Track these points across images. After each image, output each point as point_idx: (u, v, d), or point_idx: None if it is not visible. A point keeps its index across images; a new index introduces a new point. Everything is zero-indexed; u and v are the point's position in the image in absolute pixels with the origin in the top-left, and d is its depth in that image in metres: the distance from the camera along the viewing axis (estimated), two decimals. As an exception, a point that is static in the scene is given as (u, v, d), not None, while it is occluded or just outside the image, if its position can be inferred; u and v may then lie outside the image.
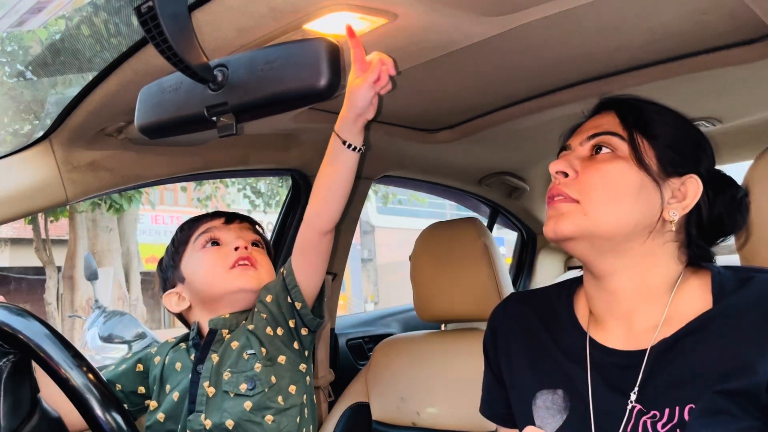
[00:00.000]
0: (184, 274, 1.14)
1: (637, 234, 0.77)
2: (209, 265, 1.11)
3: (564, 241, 0.79)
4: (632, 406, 0.74)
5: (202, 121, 0.72)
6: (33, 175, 1.12)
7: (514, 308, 0.93)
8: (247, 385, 1.02)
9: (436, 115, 1.42)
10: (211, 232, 1.14)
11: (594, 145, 0.81)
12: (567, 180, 0.80)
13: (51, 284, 8.08)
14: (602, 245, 0.78)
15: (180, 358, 1.11)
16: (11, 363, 0.86)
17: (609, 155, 0.79)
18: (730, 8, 0.89)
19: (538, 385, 0.84)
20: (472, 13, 0.81)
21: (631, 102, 0.83)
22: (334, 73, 0.67)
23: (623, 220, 0.76)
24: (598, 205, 0.77)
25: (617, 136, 0.79)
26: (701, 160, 0.81)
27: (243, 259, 1.11)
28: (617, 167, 0.78)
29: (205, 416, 1.01)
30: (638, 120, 0.80)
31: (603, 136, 0.80)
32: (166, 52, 0.63)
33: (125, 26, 1.08)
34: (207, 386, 1.04)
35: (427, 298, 1.50)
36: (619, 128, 0.80)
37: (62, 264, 8.15)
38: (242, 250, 1.12)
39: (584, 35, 0.99)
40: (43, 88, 3.77)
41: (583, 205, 0.77)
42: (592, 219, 0.77)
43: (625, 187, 0.77)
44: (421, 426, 1.42)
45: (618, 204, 0.77)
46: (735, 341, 0.70)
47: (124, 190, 1.42)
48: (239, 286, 1.10)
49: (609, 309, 0.81)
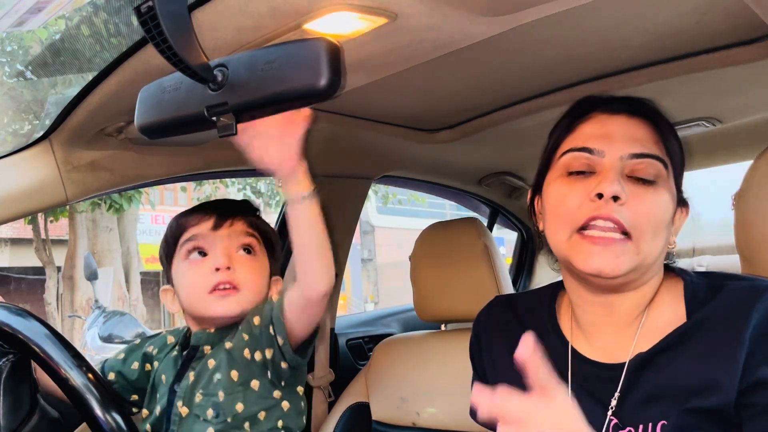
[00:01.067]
0: (173, 279, 1.11)
1: (659, 258, 0.76)
2: (190, 282, 1.06)
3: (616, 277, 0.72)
4: (609, 419, 0.74)
5: (202, 121, 0.72)
6: (33, 175, 1.12)
7: (498, 313, 0.92)
8: (213, 411, 1.01)
9: (436, 115, 1.42)
10: (196, 241, 1.07)
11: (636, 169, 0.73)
12: (618, 207, 0.70)
13: (51, 284, 8.08)
14: (637, 276, 0.74)
15: (166, 369, 1.09)
16: (11, 363, 0.86)
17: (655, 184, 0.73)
18: (730, 8, 0.89)
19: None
20: (472, 13, 0.81)
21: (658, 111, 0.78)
22: (334, 73, 0.67)
23: (660, 252, 0.74)
24: (648, 240, 0.71)
25: (660, 160, 0.73)
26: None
27: (223, 284, 1.04)
28: (664, 199, 0.73)
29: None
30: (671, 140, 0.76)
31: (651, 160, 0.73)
32: (166, 52, 0.63)
33: (125, 26, 1.08)
34: (180, 406, 1.03)
35: (427, 298, 1.50)
36: (661, 151, 0.74)
37: (62, 264, 8.16)
38: (223, 272, 1.04)
39: (584, 35, 0.99)
40: (43, 88, 3.77)
41: (635, 240, 0.71)
42: (643, 255, 0.71)
43: (667, 218, 0.73)
44: (421, 426, 1.42)
45: (660, 237, 0.73)
46: (704, 357, 0.70)
47: (124, 190, 1.42)
48: (217, 313, 1.05)
49: (598, 322, 0.80)
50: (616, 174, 0.72)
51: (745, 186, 0.88)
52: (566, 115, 0.83)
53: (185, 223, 1.10)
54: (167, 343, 1.15)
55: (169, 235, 1.11)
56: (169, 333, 1.17)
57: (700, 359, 0.70)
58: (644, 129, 0.76)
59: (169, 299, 1.12)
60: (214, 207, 1.12)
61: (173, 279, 1.10)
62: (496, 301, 0.94)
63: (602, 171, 0.73)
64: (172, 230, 1.11)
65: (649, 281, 0.77)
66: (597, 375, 0.77)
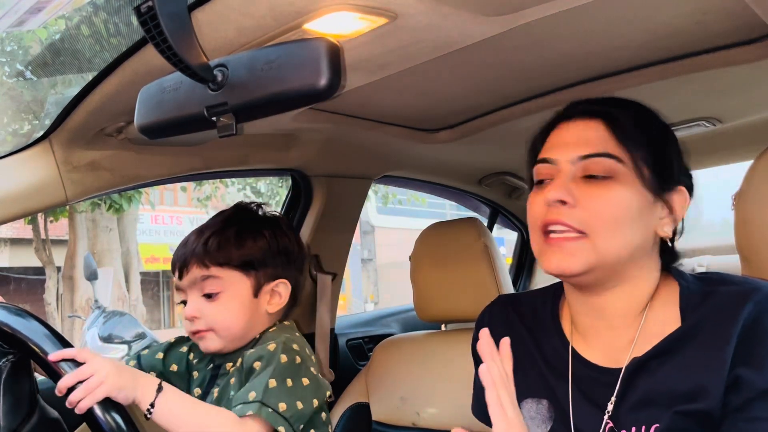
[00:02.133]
0: None
1: (636, 256, 0.76)
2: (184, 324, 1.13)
3: (573, 276, 0.75)
4: (606, 423, 0.75)
5: (202, 121, 0.72)
6: (33, 175, 1.12)
7: (501, 312, 0.92)
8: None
9: (436, 115, 1.42)
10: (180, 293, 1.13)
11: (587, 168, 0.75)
12: (566, 209, 0.74)
13: (51, 284, 8.08)
14: (605, 273, 0.76)
15: (200, 382, 1.15)
16: (10, 363, 0.86)
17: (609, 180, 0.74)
18: (730, 8, 0.89)
19: (523, 394, 0.83)
20: (472, 13, 0.81)
21: (620, 108, 0.78)
22: (334, 73, 0.67)
23: (628, 247, 0.74)
24: (605, 236, 0.73)
25: (613, 158, 0.74)
26: (682, 167, 0.79)
27: (193, 333, 1.09)
28: (619, 193, 0.74)
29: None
30: (632, 134, 0.76)
31: (598, 158, 0.75)
32: (166, 52, 0.63)
33: (125, 26, 1.08)
34: None
35: (427, 298, 1.50)
36: (614, 147, 0.75)
37: (62, 264, 8.16)
38: (188, 322, 1.09)
39: (584, 35, 0.99)
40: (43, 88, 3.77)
41: (591, 237, 0.73)
42: (600, 252, 0.73)
43: (629, 213, 0.74)
44: (421, 426, 1.42)
45: (624, 233, 0.73)
46: (695, 363, 0.71)
47: (124, 190, 1.42)
48: (205, 350, 1.10)
49: (593, 324, 0.81)
50: (563, 179, 0.76)
51: (745, 186, 0.87)
52: (542, 127, 0.86)
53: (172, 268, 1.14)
54: (204, 356, 1.17)
55: None
56: None
57: (690, 365, 0.71)
58: (596, 129, 0.77)
59: None
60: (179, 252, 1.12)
61: None
62: (499, 301, 0.94)
63: (556, 177, 0.77)
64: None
65: (634, 280, 0.77)
66: (596, 378, 0.78)
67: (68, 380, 0.83)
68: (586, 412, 0.77)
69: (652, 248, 0.78)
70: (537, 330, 0.86)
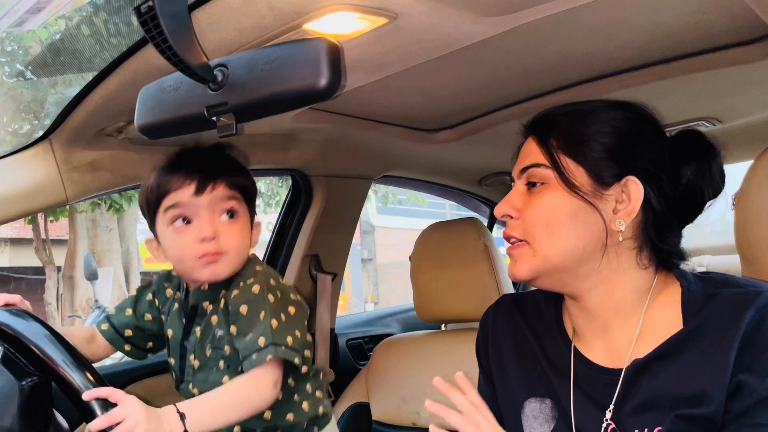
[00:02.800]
0: (158, 237, 1.10)
1: (589, 255, 0.76)
2: (178, 248, 1.06)
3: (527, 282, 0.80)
4: (607, 424, 0.75)
5: (202, 121, 0.72)
6: (33, 175, 1.12)
7: (505, 312, 0.92)
8: (224, 363, 1.07)
9: (436, 115, 1.42)
10: (180, 209, 1.04)
11: (527, 179, 0.80)
12: (512, 222, 0.80)
13: (51, 284, 8.08)
14: (561, 276, 0.78)
15: (172, 324, 1.15)
16: (33, 384, 0.85)
17: (541, 187, 0.78)
18: (730, 8, 0.89)
19: (527, 393, 0.84)
20: (472, 13, 0.81)
21: (549, 121, 0.81)
22: (334, 73, 0.67)
23: (569, 249, 0.76)
24: (542, 242, 0.77)
25: (542, 166, 0.78)
26: (637, 155, 0.76)
27: (209, 254, 1.04)
28: (549, 199, 0.77)
29: (193, 386, 1.09)
30: (559, 141, 0.78)
31: (531, 169, 0.79)
32: (166, 52, 0.63)
33: (125, 26, 1.08)
34: (192, 359, 1.10)
35: (427, 298, 1.50)
36: (542, 157, 0.78)
37: (62, 264, 8.16)
38: (209, 242, 1.03)
39: (584, 35, 0.99)
40: (43, 88, 3.77)
41: (531, 245, 0.78)
42: (541, 257, 0.77)
43: (562, 216, 0.76)
44: (421, 426, 1.42)
45: (560, 235, 0.76)
46: (697, 367, 0.71)
47: (124, 190, 1.42)
48: (206, 278, 1.07)
49: (587, 325, 0.81)
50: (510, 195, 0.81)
51: (745, 186, 0.87)
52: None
53: (167, 185, 1.06)
54: (167, 297, 1.18)
55: (150, 194, 1.07)
56: (168, 279, 1.19)
57: (692, 368, 0.71)
58: (531, 144, 0.81)
59: (154, 249, 1.13)
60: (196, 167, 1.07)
61: (158, 237, 1.10)
62: (504, 300, 0.95)
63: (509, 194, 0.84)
64: (153, 189, 1.07)
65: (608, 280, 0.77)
66: (597, 378, 0.78)
67: (101, 423, 0.82)
68: (588, 412, 0.77)
69: (613, 245, 0.76)
70: (540, 330, 0.87)
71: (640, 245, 0.77)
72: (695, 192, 0.78)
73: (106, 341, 1.17)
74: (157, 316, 1.19)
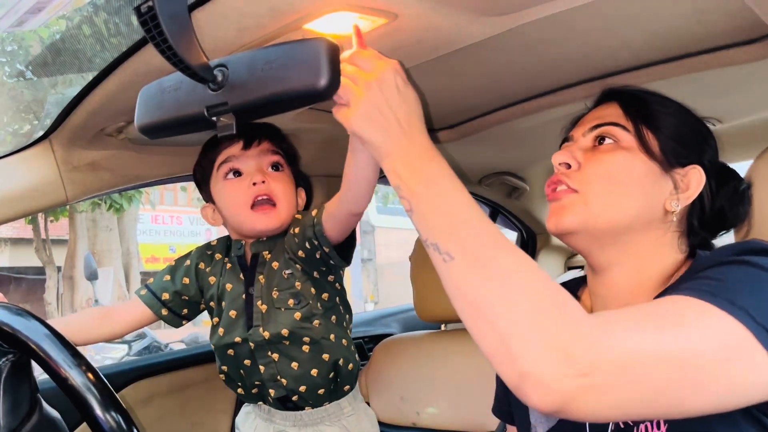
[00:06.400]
0: (214, 198, 1.22)
1: (638, 225, 0.76)
2: (232, 200, 1.17)
3: (566, 235, 0.79)
4: None
5: (202, 121, 0.72)
6: (33, 175, 1.12)
7: None
8: (294, 300, 1.15)
9: (436, 115, 1.42)
10: (231, 162, 1.17)
11: (597, 136, 0.80)
12: (569, 171, 0.79)
13: (51, 284, 8.08)
14: (604, 237, 0.77)
15: (230, 279, 1.22)
16: (10, 362, 0.86)
17: (612, 146, 0.78)
18: (730, 8, 0.89)
19: None
20: (472, 13, 0.81)
21: (634, 93, 0.83)
22: (334, 73, 0.67)
23: (625, 211, 0.76)
24: (600, 196, 0.76)
25: (620, 126, 0.79)
26: (704, 152, 0.80)
27: (260, 197, 1.15)
28: (620, 157, 0.77)
29: (263, 329, 1.16)
30: (642, 110, 0.79)
31: (606, 126, 0.79)
32: (166, 52, 0.63)
33: (125, 26, 1.08)
34: (260, 304, 1.17)
35: (427, 298, 1.50)
36: (623, 119, 0.79)
37: (62, 264, 8.16)
38: (260, 186, 1.15)
39: (584, 35, 0.99)
40: (43, 88, 3.77)
41: (582, 195, 0.77)
42: (593, 210, 0.76)
43: (628, 177, 0.76)
44: (421, 426, 1.42)
45: (620, 195, 0.76)
46: None
47: (124, 190, 1.42)
48: (260, 228, 1.17)
49: (606, 305, 0.81)
50: (571, 147, 0.81)
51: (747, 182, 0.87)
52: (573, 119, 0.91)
53: (218, 147, 1.19)
54: (216, 259, 1.26)
55: (203, 159, 1.21)
56: (210, 248, 1.29)
57: None
58: (611, 108, 0.82)
59: (210, 214, 1.25)
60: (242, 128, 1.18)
61: (214, 197, 1.21)
62: None
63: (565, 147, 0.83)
64: (206, 154, 1.21)
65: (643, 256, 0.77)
66: None
67: None
68: None
69: (662, 223, 0.77)
70: None
71: (683, 231, 0.78)
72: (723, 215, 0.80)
73: (123, 312, 1.26)
74: (194, 279, 1.26)
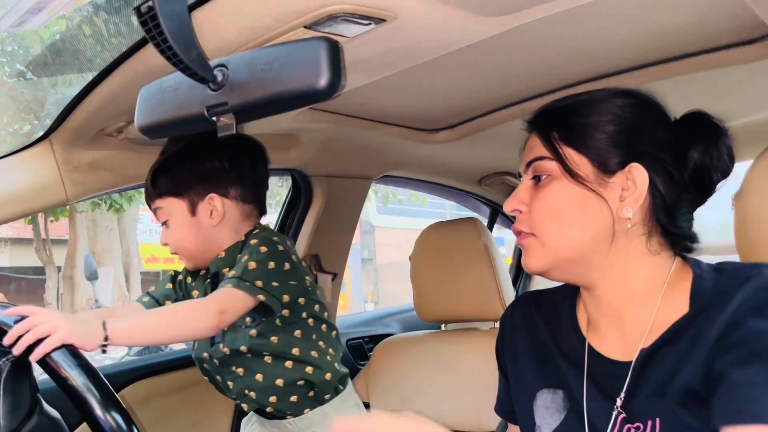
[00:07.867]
0: None
1: (600, 244, 0.76)
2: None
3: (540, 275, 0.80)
4: (618, 413, 0.75)
5: (202, 121, 0.72)
6: (33, 175, 1.12)
7: (523, 310, 0.93)
8: (250, 318, 1.19)
9: (436, 115, 1.42)
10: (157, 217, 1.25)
11: (533, 172, 0.80)
12: (521, 216, 0.80)
13: (51, 284, 8.09)
14: (574, 266, 0.78)
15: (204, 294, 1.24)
16: (10, 363, 0.86)
17: (547, 179, 0.78)
18: (730, 8, 0.89)
19: (539, 385, 0.85)
20: (472, 13, 0.81)
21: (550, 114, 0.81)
22: (334, 73, 0.67)
23: (580, 240, 0.76)
24: (551, 234, 0.77)
25: (546, 158, 0.78)
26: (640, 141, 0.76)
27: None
28: (555, 190, 0.77)
29: (223, 345, 1.20)
30: (562, 133, 0.78)
31: (535, 163, 0.79)
32: (166, 52, 0.63)
33: (125, 26, 1.08)
34: None
35: (427, 298, 1.50)
36: (545, 149, 0.79)
37: (62, 264, 8.16)
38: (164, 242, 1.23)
39: (584, 35, 0.99)
40: (43, 88, 3.77)
41: (539, 237, 0.78)
42: (552, 247, 0.77)
43: (569, 207, 0.76)
44: (421, 426, 1.42)
45: (568, 227, 0.76)
46: (689, 353, 0.70)
47: (124, 190, 1.42)
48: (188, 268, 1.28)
49: (600, 315, 0.81)
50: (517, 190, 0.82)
51: (745, 186, 0.87)
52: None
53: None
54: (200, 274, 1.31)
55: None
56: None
57: (686, 354, 0.70)
58: (534, 139, 0.82)
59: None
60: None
61: None
62: (522, 299, 0.96)
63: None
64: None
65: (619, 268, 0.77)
66: (609, 371, 0.78)
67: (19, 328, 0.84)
68: (599, 404, 0.77)
69: (625, 233, 0.76)
70: (555, 325, 0.87)
71: (649, 231, 0.76)
72: (703, 174, 0.77)
73: None
74: (184, 293, 1.30)
